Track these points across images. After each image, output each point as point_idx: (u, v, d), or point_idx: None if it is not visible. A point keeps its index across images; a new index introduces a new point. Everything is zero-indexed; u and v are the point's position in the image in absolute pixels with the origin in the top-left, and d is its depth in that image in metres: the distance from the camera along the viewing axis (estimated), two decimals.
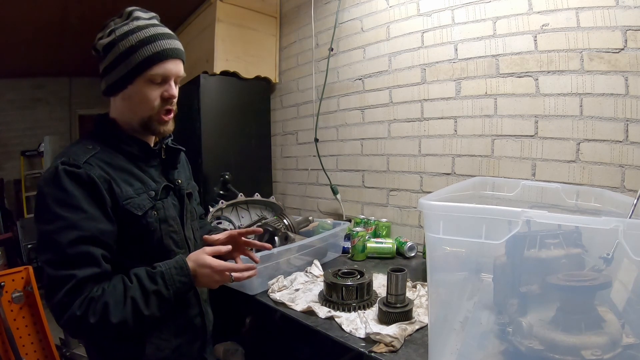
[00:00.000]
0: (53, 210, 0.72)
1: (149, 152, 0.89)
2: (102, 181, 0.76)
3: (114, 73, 0.81)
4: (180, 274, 0.78)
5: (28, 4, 2.54)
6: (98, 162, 0.78)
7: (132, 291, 0.74)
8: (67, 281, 0.70)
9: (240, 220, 1.98)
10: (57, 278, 0.71)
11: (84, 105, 5.01)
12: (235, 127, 2.36)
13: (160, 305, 0.77)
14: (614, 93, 1.19)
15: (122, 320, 0.72)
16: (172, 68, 0.82)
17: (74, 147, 0.80)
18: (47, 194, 0.73)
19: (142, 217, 0.81)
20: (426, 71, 1.68)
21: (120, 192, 0.79)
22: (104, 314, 0.71)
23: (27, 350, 1.72)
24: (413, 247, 1.63)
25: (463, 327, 0.89)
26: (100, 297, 0.72)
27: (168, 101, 0.84)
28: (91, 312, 0.70)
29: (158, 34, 0.81)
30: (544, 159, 1.35)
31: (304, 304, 1.14)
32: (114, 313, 0.71)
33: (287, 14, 2.46)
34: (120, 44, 0.79)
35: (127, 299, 0.73)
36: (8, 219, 4.18)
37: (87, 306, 0.70)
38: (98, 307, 0.71)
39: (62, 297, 0.70)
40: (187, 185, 0.99)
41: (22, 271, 1.75)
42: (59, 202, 0.72)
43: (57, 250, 0.71)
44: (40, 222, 0.74)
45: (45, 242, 0.72)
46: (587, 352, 0.61)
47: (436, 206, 0.71)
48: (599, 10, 1.20)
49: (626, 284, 0.68)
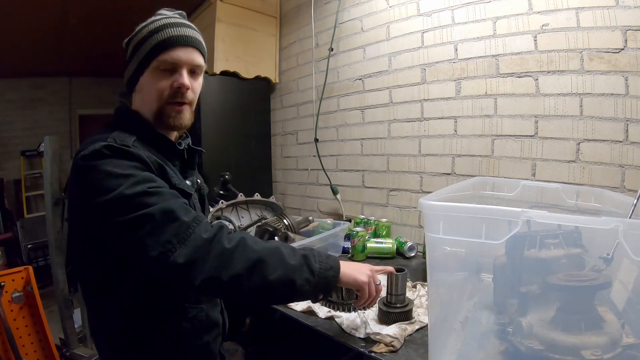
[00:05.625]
0: (116, 173, 0.63)
1: (175, 152, 0.85)
2: (152, 161, 0.72)
3: (129, 67, 0.81)
4: (330, 258, 0.75)
5: (28, 4, 2.54)
6: (141, 147, 0.73)
7: (276, 243, 0.68)
8: (175, 208, 0.62)
9: (240, 220, 1.98)
10: (159, 212, 0.61)
11: (84, 105, 5.02)
12: (235, 127, 2.36)
13: (304, 270, 0.68)
14: (614, 93, 1.19)
15: (262, 253, 0.64)
16: (181, 55, 0.76)
17: (111, 133, 0.72)
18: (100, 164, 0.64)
19: (190, 198, 0.79)
20: (426, 71, 1.68)
21: (171, 173, 0.76)
22: (243, 241, 0.63)
23: (27, 350, 1.72)
24: (413, 247, 1.63)
25: (463, 327, 0.89)
26: (235, 232, 0.66)
27: (178, 91, 0.77)
28: (225, 237, 0.63)
29: (169, 23, 0.77)
30: (544, 159, 1.35)
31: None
32: (255, 244, 0.64)
33: (287, 14, 2.46)
34: (135, 38, 0.79)
35: (270, 244, 0.67)
36: (8, 219, 4.18)
37: (217, 230, 0.63)
38: (234, 235, 0.64)
39: (189, 223, 0.62)
40: (204, 187, 0.98)
41: (22, 271, 1.76)
42: (120, 165, 0.65)
43: (140, 196, 0.62)
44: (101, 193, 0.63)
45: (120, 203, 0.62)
46: (587, 352, 0.61)
47: (436, 206, 0.70)
48: (599, 10, 1.20)
49: (626, 284, 0.68)
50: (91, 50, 3.62)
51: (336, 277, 0.74)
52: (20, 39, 3.15)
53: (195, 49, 0.80)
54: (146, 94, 0.79)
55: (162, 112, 0.78)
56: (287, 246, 0.71)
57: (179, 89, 0.77)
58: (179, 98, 0.78)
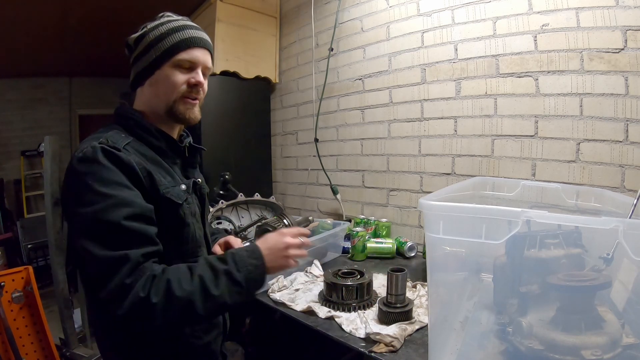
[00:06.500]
0: (96, 189, 0.66)
1: (176, 149, 0.88)
2: (140, 168, 0.74)
3: (143, 60, 0.82)
4: (252, 257, 0.76)
5: (28, 4, 2.54)
6: (134, 151, 0.76)
7: (199, 269, 0.69)
8: (124, 261, 0.64)
9: (240, 220, 1.98)
10: (111, 260, 0.64)
11: (84, 105, 5.02)
12: (235, 127, 2.36)
13: (231, 289, 0.70)
14: (614, 93, 1.19)
15: (187, 296, 0.65)
16: (199, 56, 0.83)
17: (107, 133, 0.76)
18: (86, 172, 0.68)
19: (180, 207, 0.80)
20: (426, 71, 1.68)
21: (160, 180, 0.77)
22: (168, 290, 0.65)
23: (27, 350, 1.72)
24: (413, 247, 1.63)
25: (463, 327, 0.89)
26: (163, 274, 0.66)
27: (194, 88, 0.84)
28: (154, 291, 0.64)
29: (187, 24, 0.84)
30: (544, 159, 1.35)
31: (304, 304, 1.14)
32: (179, 288, 0.65)
33: (287, 14, 2.46)
34: (150, 34, 0.82)
35: (194, 276, 0.68)
36: (8, 219, 4.18)
37: (150, 285, 0.64)
38: (161, 284, 0.65)
39: (123, 279, 0.63)
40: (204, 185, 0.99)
41: (22, 271, 1.75)
42: (103, 180, 0.68)
43: (108, 230, 0.65)
44: (81, 204, 0.67)
45: (90, 224, 0.66)
46: (587, 352, 0.61)
47: (436, 206, 0.71)
48: (599, 10, 1.20)
49: (626, 284, 0.68)
50: (91, 50, 3.62)
51: (263, 275, 0.77)
52: (20, 39, 3.15)
53: (209, 51, 0.87)
54: (162, 87, 0.82)
55: (177, 104, 0.83)
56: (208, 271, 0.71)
57: (195, 86, 0.84)
58: (193, 94, 0.85)
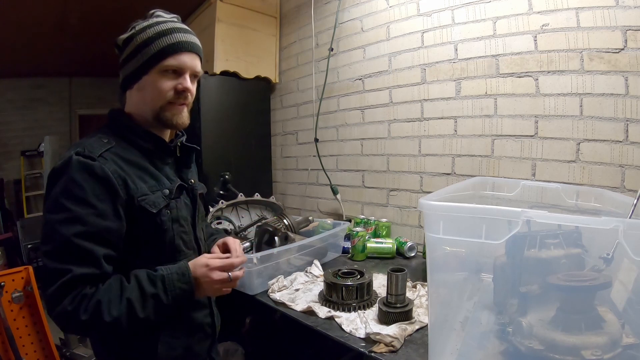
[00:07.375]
0: (60, 201, 0.71)
1: (165, 149, 0.88)
2: (116, 177, 0.75)
3: (130, 64, 0.82)
4: (182, 281, 0.77)
5: (28, 4, 2.54)
6: (113, 157, 0.77)
7: (128, 292, 0.73)
8: (62, 275, 0.69)
9: (240, 220, 1.98)
10: (53, 270, 0.69)
11: (84, 105, 5.02)
12: (235, 127, 2.36)
13: (158, 310, 0.75)
14: (614, 93, 1.19)
15: (115, 320, 0.70)
16: (187, 61, 0.82)
17: (89, 140, 0.79)
18: (57, 183, 0.72)
19: (156, 215, 0.80)
20: (426, 71, 1.68)
21: (136, 188, 0.78)
22: (96, 311, 0.69)
23: (27, 350, 1.71)
24: (413, 247, 1.63)
25: (463, 327, 0.89)
26: (94, 295, 0.70)
27: (182, 94, 0.83)
28: (83, 309, 0.69)
29: (175, 27, 0.82)
30: (544, 159, 1.35)
31: (304, 304, 1.14)
32: (107, 312, 0.69)
33: (287, 14, 2.46)
34: (137, 37, 0.81)
35: (122, 299, 0.72)
36: (8, 219, 4.18)
37: (79, 302, 0.69)
38: (90, 304, 0.69)
39: (55, 290, 0.69)
40: (198, 186, 0.98)
41: (22, 271, 1.75)
42: (67, 194, 0.71)
43: (58, 242, 0.70)
44: (46, 210, 0.73)
45: (48, 232, 0.71)
46: (587, 352, 0.61)
47: (436, 206, 0.70)
48: (599, 10, 1.20)
49: (626, 284, 0.68)
50: (91, 50, 3.61)
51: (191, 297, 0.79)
52: (21, 39, 3.15)
53: (197, 55, 0.86)
54: (149, 93, 0.82)
55: (163, 110, 0.83)
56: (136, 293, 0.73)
57: (182, 92, 0.83)
58: (181, 100, 0.84)
